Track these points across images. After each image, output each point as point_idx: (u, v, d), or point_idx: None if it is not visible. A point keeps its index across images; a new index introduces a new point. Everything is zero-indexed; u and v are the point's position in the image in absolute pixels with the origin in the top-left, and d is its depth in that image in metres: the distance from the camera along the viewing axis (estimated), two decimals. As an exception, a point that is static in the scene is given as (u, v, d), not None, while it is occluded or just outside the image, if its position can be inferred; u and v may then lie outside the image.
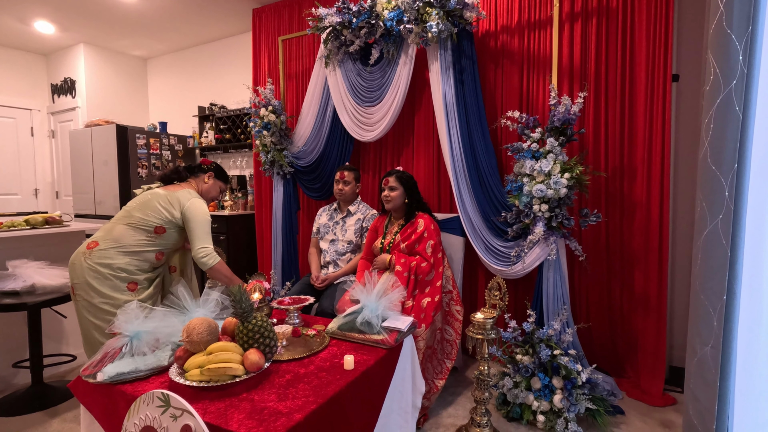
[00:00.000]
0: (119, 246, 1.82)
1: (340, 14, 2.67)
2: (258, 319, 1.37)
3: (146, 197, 1.90)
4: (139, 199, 1.92)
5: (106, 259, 1.79)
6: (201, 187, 2.11)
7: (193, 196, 1.95)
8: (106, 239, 1.83)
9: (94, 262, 1.78)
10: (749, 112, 1.31)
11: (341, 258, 2.59)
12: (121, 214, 1.89)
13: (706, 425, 1.42)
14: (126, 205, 1.93)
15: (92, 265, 1.77)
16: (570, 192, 2.10)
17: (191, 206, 1.90)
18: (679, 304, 2.49)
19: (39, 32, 4.36)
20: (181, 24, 4.21)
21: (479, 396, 1.86)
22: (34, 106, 5.08)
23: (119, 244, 1.82)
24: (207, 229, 1.92)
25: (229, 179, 2.30)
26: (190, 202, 1.91)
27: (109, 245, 1.81)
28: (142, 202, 1.89)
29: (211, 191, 2.15)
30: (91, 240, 1.84)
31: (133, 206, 1.89)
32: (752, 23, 1.27)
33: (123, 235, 1.83)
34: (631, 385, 2.33)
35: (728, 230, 1.33)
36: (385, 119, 2.72)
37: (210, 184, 2.13)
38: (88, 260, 1.78)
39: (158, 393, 1.05)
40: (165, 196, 1.90)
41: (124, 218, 1.86)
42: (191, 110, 4.77)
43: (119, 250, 1.81)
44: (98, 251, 1.80)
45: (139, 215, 1.85)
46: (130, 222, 1.85)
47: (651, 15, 2.22)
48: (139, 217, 1.85)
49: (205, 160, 2.20)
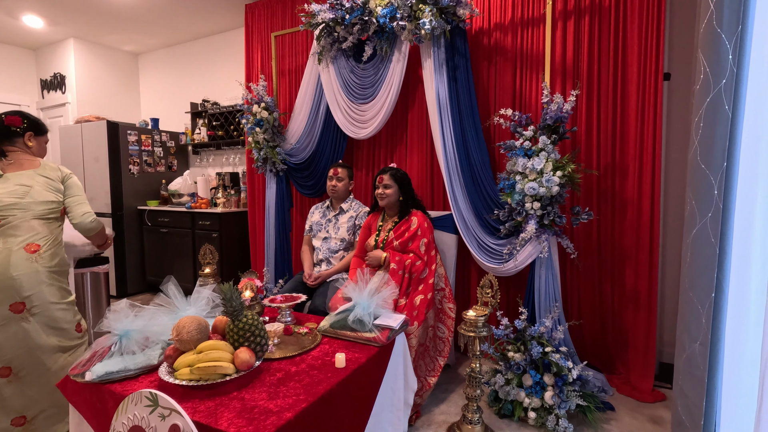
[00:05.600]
0: (54, 239, 1.76)
1: (333, 10, 2.66)
2: (249, 317, 1.37)
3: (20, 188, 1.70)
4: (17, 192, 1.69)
5: (55, 257, 1.74)
6: (31, 152, 1.83)
7: (50, 164, 1.81)
8: (45, 239, 1.71)
9: (50, 262, 1.71)
10: (738, 111, 1.32)
11: (334, 256, 2.59)
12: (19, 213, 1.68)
13: (695, 421, 1.44)
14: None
15: (52, 267, 1.71)
16: (562, 190, 2.11)
17: (70, 173, 1.84)
18: (669, 301, 2.51)
19: (27, 26, 4.29)
20: (172, 19, 4.16)
21: (471, 393, 1.87)
22: (23, 101, 5.00)
23: (52, 236, 1.75)
24: (83, 194, 1.85)
25: (46, 127, 1.95)
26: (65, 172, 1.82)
27: (50, 243, 1.73)
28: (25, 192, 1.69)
29: (40, 152, 1.89)
30: (23, 244, 1.66)
31: (23, 201, 1.69)
32: (742, 23, 1.27)
33: (50, 228, 1.75)
34: (622, 381, 2.36)
35: (717, 228, 1.34)
36: (378, 116, 2.71)
37: (35, 146, 1.85)
38: (43, 265, 1.69)
39: (146, 392, 1.04)
40: (38, 176, 1.73)
41: (29, 214, 1.69)
42: (183, 106, 4.73)
43: (57, 243, 1.77)
44: (47, 253, 1.71)
45: (43, 208, 1.72)
46: (41, 215, 1.72)
47: (643, 14, 2.23)
48: (44, 209, 1.72)
49: (9, 118, 1.79)
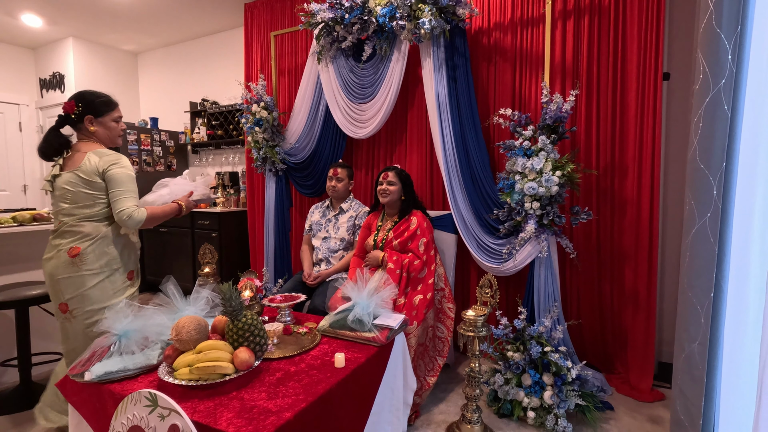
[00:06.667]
0: (101, 237, 1.68)
1: (333, 10, 2.65)
2: (248, 317, 1.37)
3: (65, 191, 1.67)
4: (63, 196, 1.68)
5: (103, 257, 1.67)
6: (97, 137, 1.74)
7: (100, 155, 1.68)
8: (84, 240, 1.66)
9: (93, 265, 1.66)
10: (738, 111, 1.32)
11: (333, 255, 2.59)
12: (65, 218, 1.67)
13: (693, 420, 1.44)
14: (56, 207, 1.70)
15: (92, 269, 1.66)
16: (561, 190, 2.11)
17: (112, 164, 1.67)
18: (668, 301, 2.51)
19: (26, 25, 4.28)
20: (172, 18, 4.16)
21: (470, 393, 1.87)
22: (22, 101, 5.00)
23: (100, 234, 1.68)
24: (130, 187, 1.68)
25: (110, 101, 1.77)
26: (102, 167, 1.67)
27: (92, 243, 1.67)
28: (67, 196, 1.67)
29: (108, 133, 1.76)
30: (65, 248, 1.66)
31: (66, 206, 1.67)
32: (741, 23, 1.27)
33: (96, 228, 1.67)
34: (621, 381, 2.36)
35: (716, 228, 1.34)
36: (378, 116, 2.71)
37: (98, 129, 1.73)
38: (86, 268, 1.65)
39: (145, 392, 1.04)
40: (77, 176, 1.66)
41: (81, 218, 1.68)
42: (183, 106, 4.72)
43: (104, 241, 1.69)
44: (88, 254, 1.66)
45: (89, 210, 1.68)
46: (87, 216, 1.68)
47: (642, 13, 2.23)
48: (87, 212, 1.68)
49: (65, 105, 1.69)
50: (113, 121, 1.76)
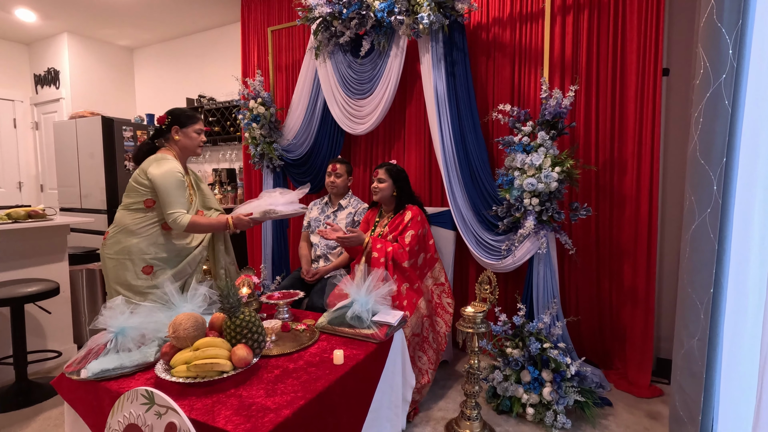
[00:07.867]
0: (122, 227, 1.86)
1: (330, 5, 2.63)
2: (246, 314, 1.36)
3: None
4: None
5: (117, 245, 1.85)
6: (179, 146, 1.97)
7: (155, 160, 1.87)
8: (113, 227, 1.89)
9: (110, 250, 1.86)
10: (738, 107, 1.31)
11: (332, 252, 2.57)
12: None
13: (692, 416, 1.44)
14: None
15: (109, 253, 1.85)
16: (561, 186, 2.10)
17: (152, 176, 1.83)
18: (667, 296, 2.51)
19: (20, 20, 4.23)
20: (168, 13, 4.11)
21: (469, 389, 1.87)
22: (17, 97, 4.95)
23: (122, 225, 1.86)
24: (174, 193, 1.82)
25: (194, 116, 2.02)
26: (150, 171, 1.83)
27: (115, 231, 1.87)
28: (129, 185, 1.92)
29: (189, 142, 1.98)
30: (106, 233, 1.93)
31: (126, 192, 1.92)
32: (742, 17, 1.27)
33: (123, 217, 1.88)
34: (619, 377, 2.36)
35: (716, 224, 1.33)
36: (376, 112, 2.69)
37: (182, 138, 1.96)
38: (105, 250, 1.87)
39: (142, 390, 1.03)
40: (137, 170, 1.90)
41: (121, 205, 1.91)
42: (179, 102, 4.68)
43: (124, 231, 1.86)
44: (110, 239, 1.87)
45: (128, 200, 1.89)
46: (124, 205, 1.89)
47: (642, 8, 2.22)
48: (128, 201, 1.88)
49: (160, 117, 1.99)
50: (195, 132, 1.99)
